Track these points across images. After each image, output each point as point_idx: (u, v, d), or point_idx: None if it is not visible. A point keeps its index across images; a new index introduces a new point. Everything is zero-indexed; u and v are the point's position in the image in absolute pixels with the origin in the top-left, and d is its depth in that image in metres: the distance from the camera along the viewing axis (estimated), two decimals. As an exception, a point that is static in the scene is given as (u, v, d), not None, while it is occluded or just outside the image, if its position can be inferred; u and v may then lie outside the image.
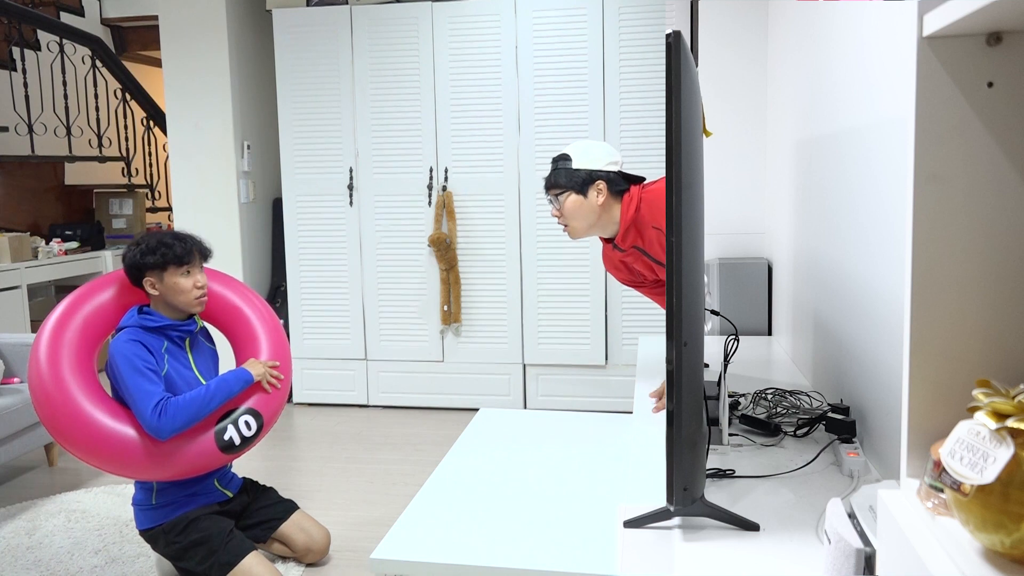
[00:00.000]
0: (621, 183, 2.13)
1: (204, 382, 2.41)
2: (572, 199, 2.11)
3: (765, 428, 1.81)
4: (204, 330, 2.60)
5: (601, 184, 2.12)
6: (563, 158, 2.14)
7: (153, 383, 2.22)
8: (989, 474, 0.71)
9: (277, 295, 4.74)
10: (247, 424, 2.34)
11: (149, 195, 6.29)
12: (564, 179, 2.11)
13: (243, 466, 3.58)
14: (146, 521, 2.38)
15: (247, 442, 2.36)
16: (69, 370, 2.26)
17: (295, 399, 4.51)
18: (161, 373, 2.29)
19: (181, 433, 2.25)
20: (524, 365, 4.25)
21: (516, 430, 2.55)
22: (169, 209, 6.30)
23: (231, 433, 2.32)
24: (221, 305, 2.64)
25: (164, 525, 2.36)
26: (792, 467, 1.59)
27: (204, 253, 2.42)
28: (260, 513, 2.56)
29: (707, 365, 2.41)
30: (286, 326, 4.61)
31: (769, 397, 2.02)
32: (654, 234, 2.12)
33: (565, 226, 2.14)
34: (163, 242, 2.32)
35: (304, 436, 4.00)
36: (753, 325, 2.97)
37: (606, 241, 2.23)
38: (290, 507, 2.62)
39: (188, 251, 2.35)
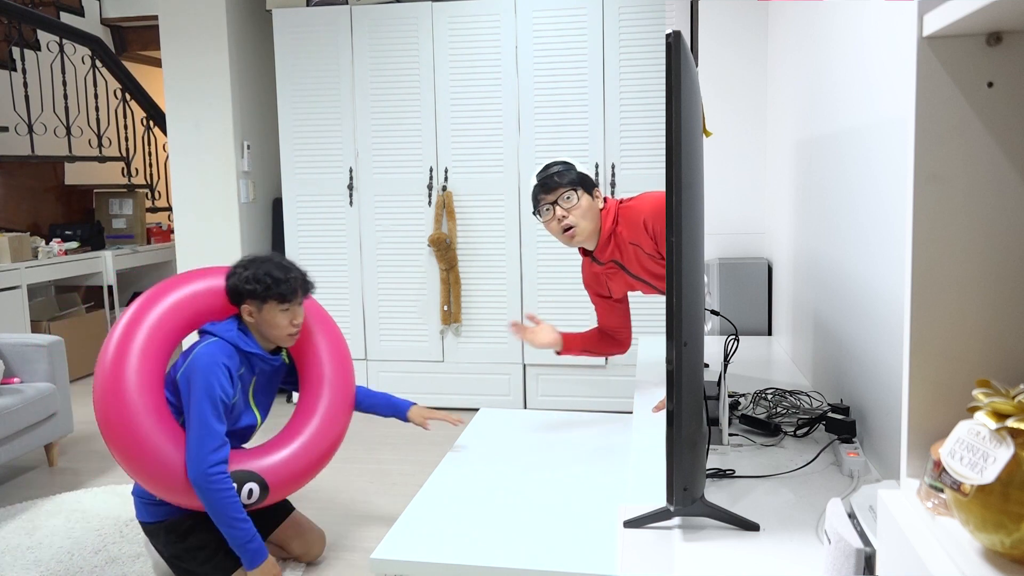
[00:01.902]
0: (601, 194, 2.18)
1: (257, 413, 2.40)
2: (586, 198, 2.12)
3: (765, 428, 1.81)
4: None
5: (598, 191, 2.15)
6: (563, 163, 2.14)
7: (219, 423, 2.17)
8: (989, 474, 0.71)
9: (277, 295, 4.74)
10: (250, 492, 2.27)
11: (149, 195, 6.29)
12: (577, 179, 2.11)
13: (243, 466, 3.58)
14: (148, 515, 2.36)
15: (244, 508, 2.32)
16: (134, 377, 2.19)
17: (295, 399, 4.51)
18: (230, 402, 2.25)
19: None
20: (524, 365, 4.25)
21: (516, 430, 2.55)
22: (169, 209, 6.30)
23: None
24: (302, 338, 2.54)
25: (166, 523, 2.35)
26: (792, 467, 1.59)
27: (307, 291, 2.36)
28: (256, 515, 2.56)
29: (707, 365, 2.42)
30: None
31: (769, 397, 2.02)
32: (632, 250, 2.13)
33: (570, 228, 2.12)
34: (270, 275, 2.24)
35: (304, 436, 4.00)
36: (753, 325, 2.97)
37: (585, 254, 2.24)
38: (286, 508, 2.62)
39: (292, 291, 2.28)
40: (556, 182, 2.11)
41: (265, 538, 2.55)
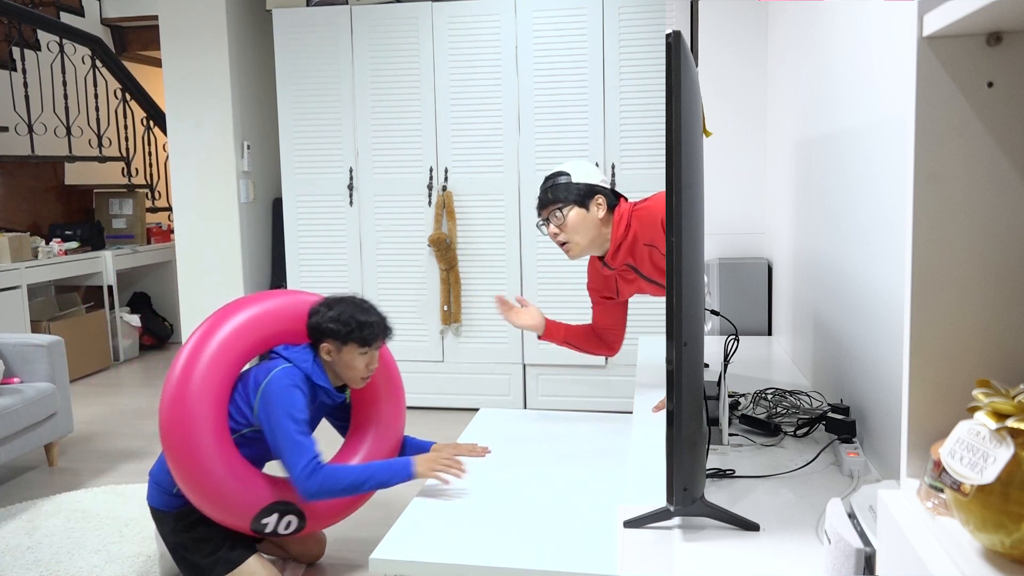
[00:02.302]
0: (613, 199, 2.14)
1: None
2: (575, 212, 2.10)
3: (765, 428, 1.81)
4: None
5: (600, 198, 2.13)
6: (560, 175, 2.13)
7: (307, 437, 2.17)
8: (989, 474, 0.71)
9: (277, 295, 4.74)
10: (287, 524, 2.26)
11: (149, 195, 6.29)
12: (563, 193, 2.10)
13: (243, 466, 3.58)
14: (160, 502, 2.35)
15: (275, 536, 2.30)
16: (199, 396, 2.19)
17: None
18: (306, 422, 2.25)
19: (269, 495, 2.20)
20: (524, 365, 4.25)
21: (516, 430, 2.55)
22: (169, 209, 6.30)
23: (271, 525, 2.25)
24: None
25: (176, 512, 2.33)
26: (792, 467, 1.59)
27: (387, 337, 2.35)
28: None
29: (707, 365, 2.42)
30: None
31: (769, 397, 2.02)
32: (646, 251, 2.13)
33: (564, 244, 2.12)
34: (355, 319, 2.25)
35: (304, 436, 4.00)
36: (753, 325, 2.97)
37: (596, 259, 2.24)
38: None
39: (375, 336, 2.28)
40: (547, 198, 2.10)
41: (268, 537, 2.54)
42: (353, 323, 2.25)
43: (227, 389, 2.27)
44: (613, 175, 4.03)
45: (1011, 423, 0.72)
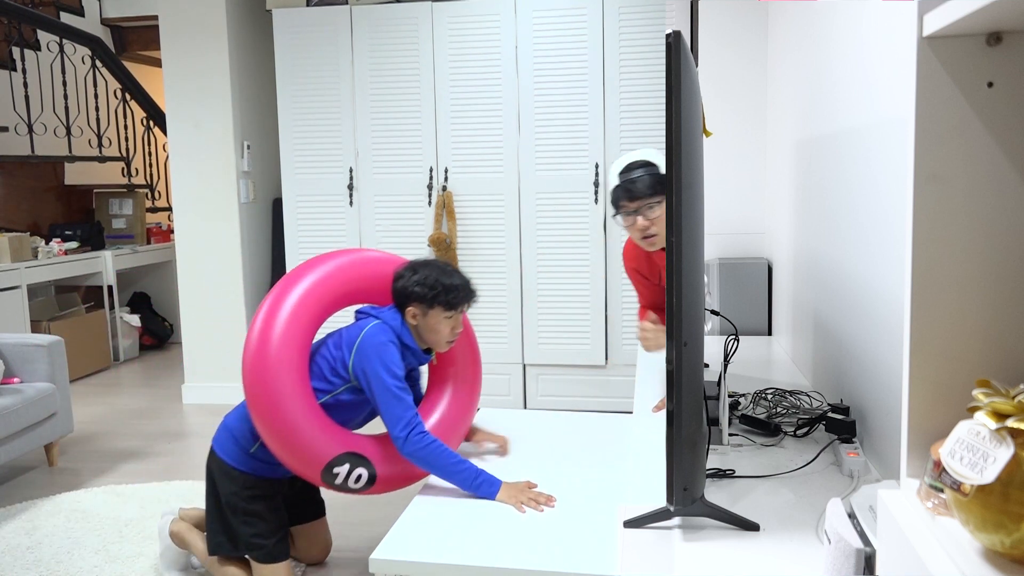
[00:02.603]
0: None
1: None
2: (662, 206, 2.08)
3: (765, 428, 1.81)
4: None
5: None
6: (647, 164, 2.09)
7: (405, 392, 2.16)
8: (989, 474, 0.71)
9: (277, 295, 4.74)
10: (358, 478, 2.19)
11: (149, 195, 6.29)
12: (657, 187, 2.06)
13: (243, 466, 3.58)
14: (233, 458, 2.30)
15: (344, 489, 2.23)
16: (279, 352, 2.16)
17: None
18: (403, 376, 2.23)
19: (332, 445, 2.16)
20: (524, 365, 4.25)
21: (516, 430, 2.55)
22: (169, 209, 6.30)
23: (341, 476, 2.18)
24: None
25: (247, 475, 2.29)
26: (792, 467, 1.59)
27: (471, 301, 2.33)
28: (297, 505, 2.52)
29: (707, 365, 2.42)
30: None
31: (769, 397, 2.02)
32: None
33: (652, 236, 2.08)
34: (441, 282, 2.23)
35: (304, 436, 4.00)
36: (753, 325, 2.97)
37: (638, 247, 2.21)
38: (320, 511, 2.60)
39: (460, 300, 2.26)
40: (641, 191, 2.04)
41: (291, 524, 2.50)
42: (439, 286, 2.22)
43: (308, 338, 2.24)
44: (613, 175, 4.03)
45: (1011, 423, 0.72)
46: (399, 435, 2.11)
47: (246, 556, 2.33)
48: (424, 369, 2.53)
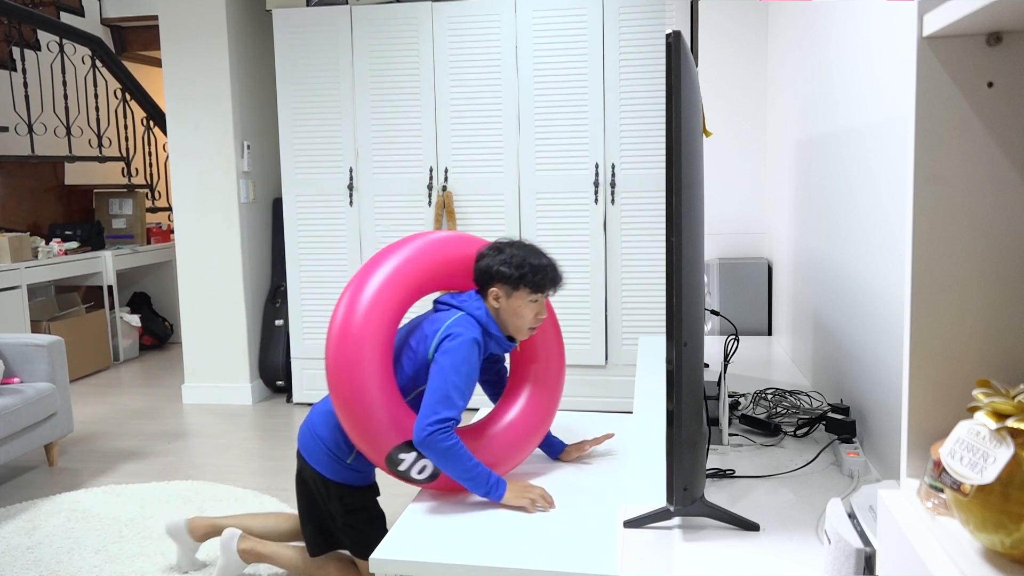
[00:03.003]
0: None
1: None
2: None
3: (765, 428, 1.81)
4: None
5: None
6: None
7: (462, 397, 2.05)
8: (989, 474, 0.71)
9: (277, 295, 4.74)
10: (422, 468, 2.10)
11: (149, 195, 6.29)
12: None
13: (241, 466, 3.58)
14: (328, 470, 2.22)
15: (406, 478, 2.14)
16: (362, 325, 2.09)
17: (295, 399, 4.51)
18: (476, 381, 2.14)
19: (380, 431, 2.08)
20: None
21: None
22: (169, 209, 6.30)
23: (406, 462, 2.09)
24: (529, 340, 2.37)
25: (343, 489, 2.22)
26: (792, 467, 1.59)
27: (557, 286, 2.22)
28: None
29: (707, 365, 2.42)
30: (286, 326, 4.61)
31: (769, 397, 2.02)
32: None
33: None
34: (528, 262, 2.12)
35: (304, 436, 4.00)
36: (753, 325, 2.97)
37: None
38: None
39: (548, 282, 2.15)
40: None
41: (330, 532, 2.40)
42: (526, 267, 2.11)
43: (393, 318, 2.15)
44: (613, 175, 4.03)
45: (1011, 423, 0.72)
46: (427, 425, 2.01)
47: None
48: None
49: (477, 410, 2.89)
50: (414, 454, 2.08)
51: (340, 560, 2.35)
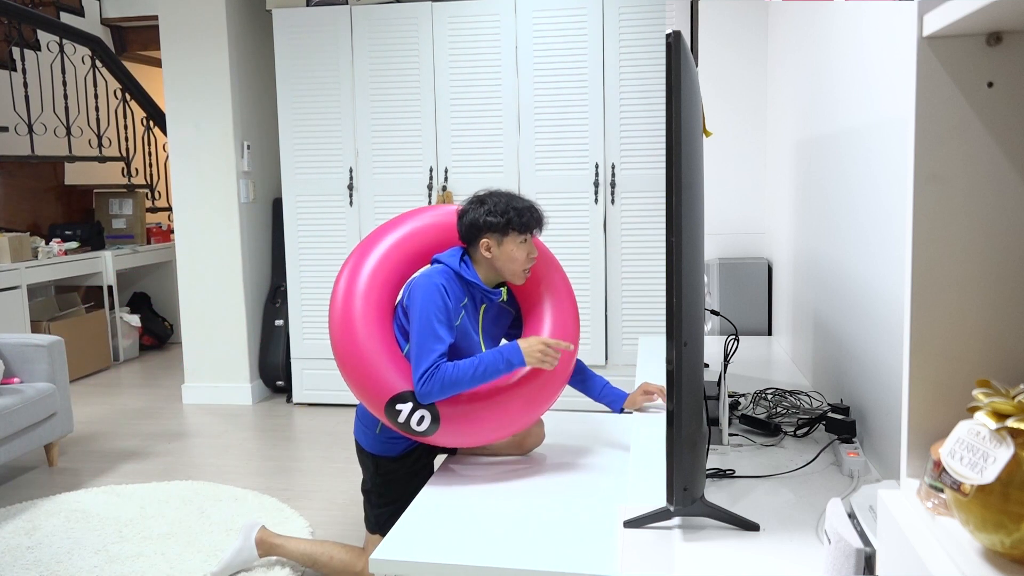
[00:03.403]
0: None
1: (483, 345, 2.32)
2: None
3: (765, 428, 1.81)
4: (508, 299, 2.44)
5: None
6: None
7: (438, 341, 2.12)
8: (989, 474, 0.71)
9: (277, 295, 4.74)
10: (420, 419, 2.13)
11: (149, 195, 6.29)
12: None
13: (241, 466, 3.58)
14: (365, 440, 2.35)
15: (407, 430, 2.16)
16: (362, 307, 2.19)
17: (295, 399, 4.51)
18: (455, 324, 2.20)
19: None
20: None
21: (516, 430, 2.55)
22: (169, 209, 6.30)
23: (404, 413, 2.13)
24: (531, 286, 2.42)
25: (378, 457, 2.32)
26: (792, 467, 1.59)
27: (542, 224, 2.31)
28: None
29: (707, 365, 2.42)
30: (286, 326, 4.61)
31: (769, 397, 2.02)
32: None
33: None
34: (512, 206, 2.21)
35: (304, 436, 4.00)
36: (753, 325, 2.97)
37: None
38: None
39: (534, 222, 2.24)
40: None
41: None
42: (511, 211, 2.20)
43: (392, 281, 2.26)
44: (613, 175, 4.03)
45: (1011, 423, 0.72)
46: (417, 380, 2.09)
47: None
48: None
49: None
50: (410, 404, 2.14)
51: (345, 546, 2.44)
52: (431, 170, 4.20)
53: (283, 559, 2.60)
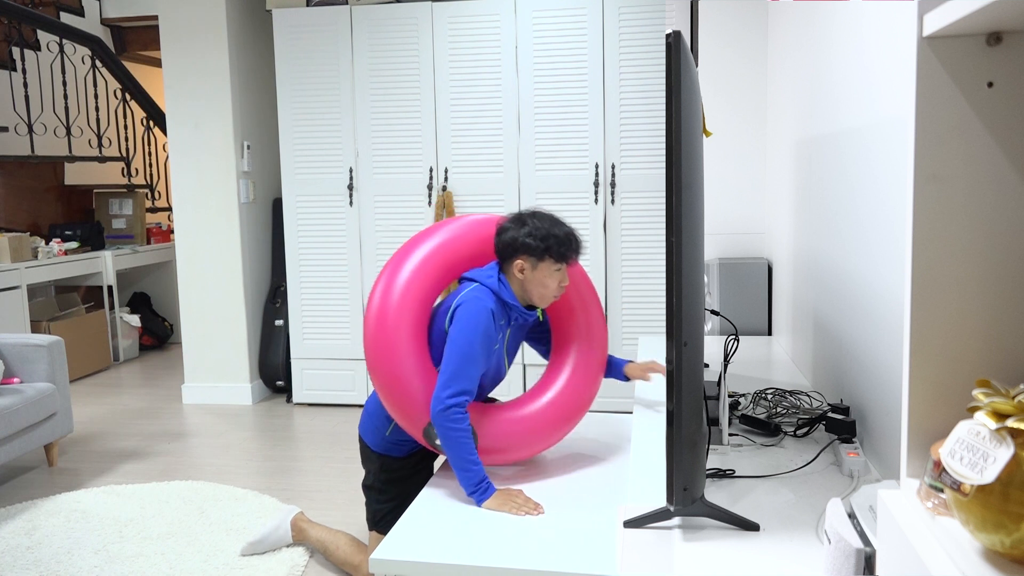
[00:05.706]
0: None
1: (507, 361, 2.32)
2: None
3: (765, 428, 1.81)
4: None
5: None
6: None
7: (475, 366, 2.10)
8: (989, 474, 0.71)
9: (277, 295, 4.74)
10: None
11: (149, 195, 6.29)
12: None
13: (241, 466, 3.58)
14: (372, 440, 2.36)
15: (440, 449, 2.18)
16: (398, 317, 2.17)
17: (295, 399, 4.51)
18: (493, 348, 2.18)
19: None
20: (524, 365, 4.24)
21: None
22: (169, 209, 6.30)
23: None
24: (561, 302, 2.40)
25: (384, 456, 2.33)
26: (792, 467, 1.59)
27: (580, 252, 2.26)
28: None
29: (707, 365, 2.42)
30: (286, 326, 4.61)
31: (769, 397, 2.02)
32: None
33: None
34: (553, 233, 2.16)
35: (304, 436, 4.00)
36: (753, 325, 2.97)
37: None
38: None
39: (572, 251, 2.19)
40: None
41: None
42: (551, 238, 2.15)
43: (428, 296, 2.23)
44: (613, 175, 4.03)
45: (1011, 423, 0.72)
46: (443, 398, 2.06)
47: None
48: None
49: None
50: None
51: (353, 540, 2.51)
52: (431, 170, 4.20)
53: (302, 543, 2.74)
